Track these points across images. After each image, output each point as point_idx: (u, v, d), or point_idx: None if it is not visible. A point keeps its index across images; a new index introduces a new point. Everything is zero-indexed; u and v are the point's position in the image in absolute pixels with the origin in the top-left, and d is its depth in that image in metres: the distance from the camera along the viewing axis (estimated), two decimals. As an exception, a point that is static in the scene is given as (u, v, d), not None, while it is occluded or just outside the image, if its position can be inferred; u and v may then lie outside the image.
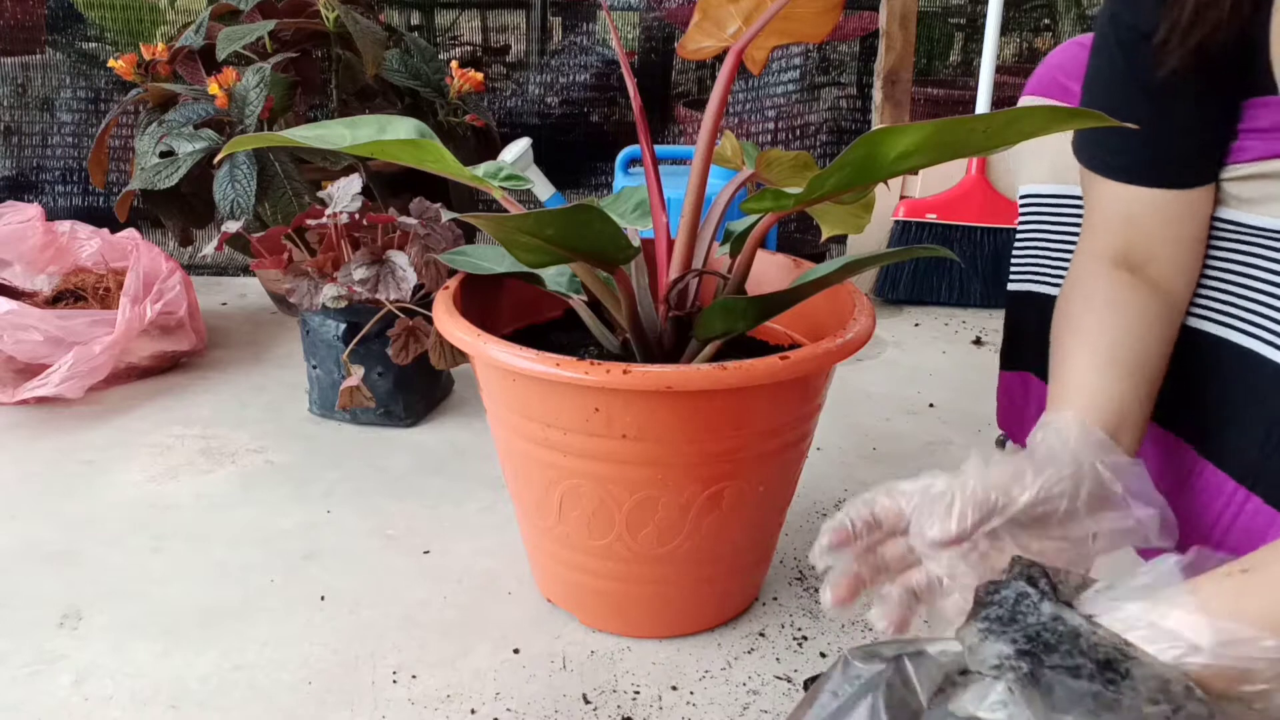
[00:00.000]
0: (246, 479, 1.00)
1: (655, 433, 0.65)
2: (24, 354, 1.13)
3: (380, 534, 0.90)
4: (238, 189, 1.23)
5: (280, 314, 1.51)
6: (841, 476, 1.03)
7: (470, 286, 0.80)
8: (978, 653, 0.41)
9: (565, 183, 1.78)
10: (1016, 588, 0.44)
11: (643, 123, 0.70)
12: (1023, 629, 0.42)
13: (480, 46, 2.06)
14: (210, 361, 1.31)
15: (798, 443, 0.73)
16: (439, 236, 1.02)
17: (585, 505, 0.69)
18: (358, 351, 1.05)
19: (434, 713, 0.68)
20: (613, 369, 0.61)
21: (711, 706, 0.69)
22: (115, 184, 1.72)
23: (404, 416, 1.12)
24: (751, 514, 0.72)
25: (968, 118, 0.59)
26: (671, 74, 1.94)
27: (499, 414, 0.72)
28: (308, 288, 1.02)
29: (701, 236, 0.72)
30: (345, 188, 1.03)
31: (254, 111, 1.26)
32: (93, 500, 0.96)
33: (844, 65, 1.86)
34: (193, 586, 0.82)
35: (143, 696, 0.69)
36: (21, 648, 0.74)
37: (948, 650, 0.43)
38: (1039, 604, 0.43)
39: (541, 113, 1.87)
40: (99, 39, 1.83)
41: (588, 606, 0.77)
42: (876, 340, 1.46)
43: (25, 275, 1.30)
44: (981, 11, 2.01)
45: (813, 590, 0.83)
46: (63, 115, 1.76)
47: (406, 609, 0.79)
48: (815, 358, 0.65)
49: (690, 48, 0.76)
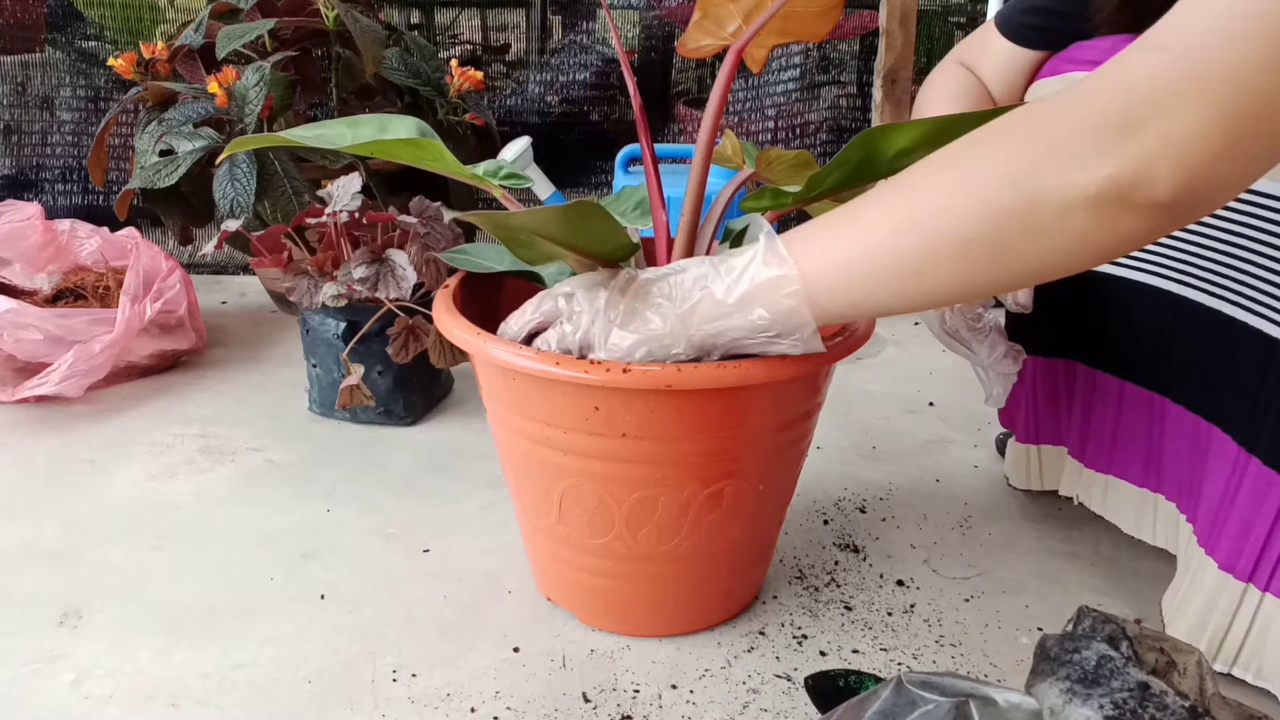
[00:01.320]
0: (246, 478, 1.00)
1: (655, 431, 0.65)
2: (24, 352, 1.13)
3: (380, 533, 0.90)
4: (237, 188, 1.23)
5: (280, 313, 1.51)
6: (842, 475, 1.03)
7: (470, 285, 0.80)
8: (1061, 715, 0.41)
9: (565, 181, 1.78)
10: (1098, 649, 0.43)
11: (643, 121, 0.70)
12: (1108, 694, 0.41)
13: (480, 45, 2.06)
14: (210, 360, 1.31)
15: (798, 441, 0.73)
16: (439, 235, 1.02)
17: (585, 504, 0.69)
18: (357, 350, 1.05)
19: (434, 711, 0.68)
20: (612, 368, 0.61)
21: (711, 705, 0.69)
22: (115, 183, 1.72)
23: (404, 415, 1.12)
24: (751, 513, 0.72)
25: (966, 114, 0.59)
26: (671, 73, 1.94)
27: (499, 413, 0.72)
28: (307, 286, 1.02)
29: (701, 235, 0.72)
30: (345, 186, 1.03)
31: (254, 110, 1.26)
32: (92, 499, 0.96)
33: (844, 64, 1.86)
34: (192, 585, 0.82)
35: (143, 695, 0.69)
36: (21, 646, 0.74)
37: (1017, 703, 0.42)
38: (1124, 669, 0.42)
39: (541, 111, 1.86)
40: (99, 37, 1.83)
41: (587, 605, 0.77)
42: (876, 339, 1.46)
43: (25, 274, 1.30)
44: (981, 10, 2.01)
45: (813, 589, 0.83)
46: (62, 114, 1.76)
47: (406, 608, 0.79)
48: (815, 357, 0.65)
49: (690, 46, 0.76)
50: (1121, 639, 0.44)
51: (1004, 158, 0.49)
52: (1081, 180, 0.46)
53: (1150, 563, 0.85)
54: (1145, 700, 0.41)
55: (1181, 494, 0.78)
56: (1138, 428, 0.81)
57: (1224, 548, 0.69)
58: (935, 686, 0.43)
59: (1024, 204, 0.48)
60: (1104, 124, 0.46)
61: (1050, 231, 0.48)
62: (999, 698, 0.42)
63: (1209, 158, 0.44)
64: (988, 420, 1.16)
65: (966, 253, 0.51)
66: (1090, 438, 0.87)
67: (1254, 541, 0.67)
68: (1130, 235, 0.47)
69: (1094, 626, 0.44)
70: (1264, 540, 0.66)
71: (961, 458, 1.08)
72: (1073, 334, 0.86)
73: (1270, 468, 0.66)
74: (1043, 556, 0.89)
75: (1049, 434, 0.93)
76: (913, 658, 0.75)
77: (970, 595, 0.83)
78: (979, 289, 0.53)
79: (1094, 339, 0.84)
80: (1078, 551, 0.89)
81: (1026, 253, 0.49)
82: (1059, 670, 0.42)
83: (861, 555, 0.88)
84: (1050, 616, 0.80)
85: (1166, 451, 0.78)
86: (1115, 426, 0.83)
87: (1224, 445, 0.71)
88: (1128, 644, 0.44)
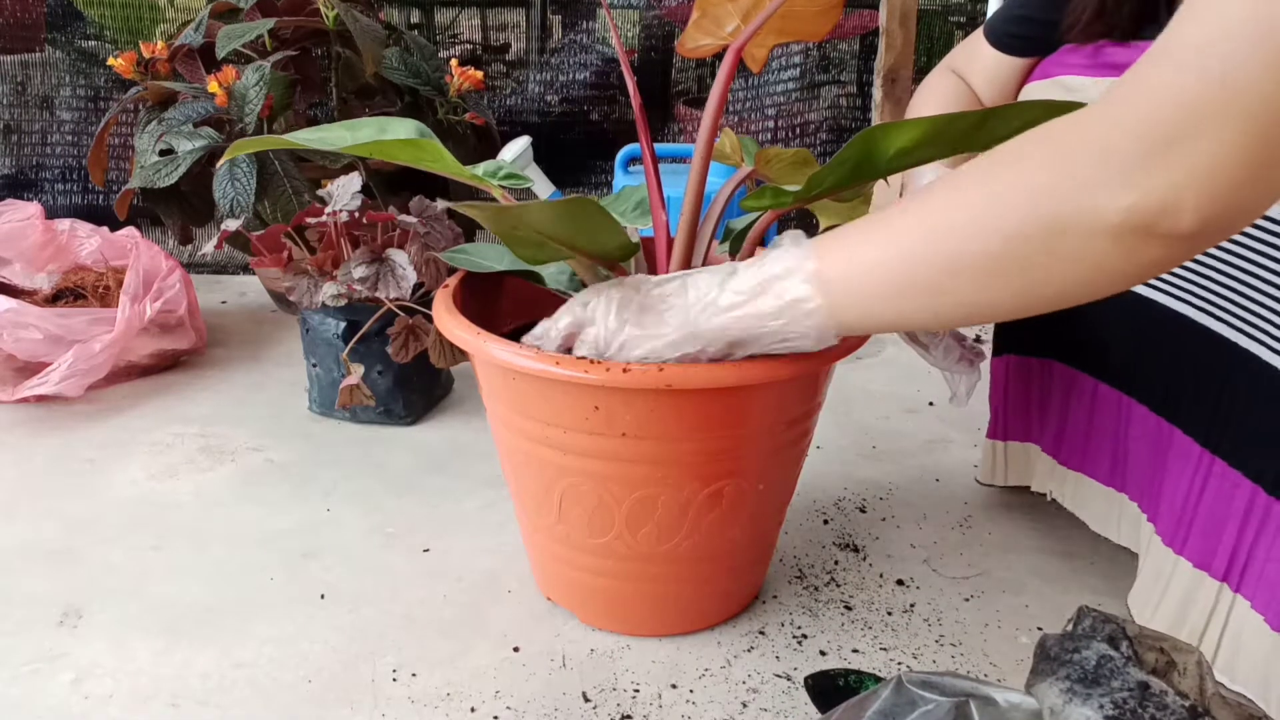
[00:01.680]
0: (246, 477, 1.00)
1: (655, 431, 0.65)
2: (24, 352, 1.13)
3: (380, 532, 0.90)
4: (237, 187, 1.23)
5: (280, 312, 1.51)
6: (841, 475, 1.03)
7: (470, 285, 0.80)
8: (1061, 715, 0.41)
9: (565, 181, 1.78)
10: (1098, 649, 0.43)
11: (642, 121, 0.70)
12: (1108, 694, 0.41)
13: (480, 45, 2.06)
14: (210, 360, 1.31)
15: (798, 441, 0.73)
16: (439, 235, 1.02)
17: (585, 503, 0.69)
18: (357, 350, 1.05)
19: (434, 711, 0.68)
20: (612, 367, 0.61)
21: (711, 704, 0.69)
22: (115, 182, 1.72)
23: (404, 415, 1.12)
24: (751, 512, 0.72)
25: (966, 113, 0.59)
26: (671, 72, 1.94)
27: (499, 412, 0.72)
28: (307, 286, 1.02)
29: (701, 234, 0.72)
30: (345, 186, 1.03)
31: (254, 110, 1.26)
32: (92, 498, 0.96)
33: (844, 63, 1.86)
34: (192, 584, 0.82)
35: (143, 694, 0.69)
36: (22, 646, 0.74)
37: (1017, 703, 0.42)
38: (1123, 669, 0.42)
39: (541, 111, 1.86)
40: (98, 37, 1.83)
41: (587, 605, 0.77)
42: (876, 339, 1.46)
43: (25, 273, 1.30)
44: (981, 9, 2.01)
45: (813, 589, 0.83)
46: (62, 113, 1.76)
47: (406, 607, 0.79)
48: (815, 356, 0.65)
49: (689, 45, 0.76)
50: (1121, 639, 0.44)
51: (1026, 179, 0.48)
52: (1105, 209, 0.45)
53: (1150, 562, 0.86)
54: (1145, 700, 0.41)
55: (1143, 494, 0.78)
56: (1107, 427, 0.82)
57: (1194, 546, 0.70)
58: (935, 686, 0.43)
59: (1045, 229, 0.47)
60: (1128, 150, 0.44)
61: (1071, 258, 0.47)
62: (999, 697, 0.42)
63: (1236, 185, 0.42)
64: (987, 420, 1.16)
65: (987, 272, 0.50)
66: (1065, 435, 0.87)
67: (1226, 541, 0.68)
68: (1152, 264, 0.46)
69: (1094, 626, 0.44)
70: (1235, 539, 0.67)
71: (961, 457, 1.08)
72: (1053, 334, 0.87)
73: (1235, 468, 0.67)
74: (1043, 556, 0.89)
75: (1018, 431, 0.94)
76: (913, 657, 0.75)
77: (970, 595, 0.83)
78: (998, 310, 0.52)
79: (1072, 339, 0.85)
80: (1078, 551, 0.89)
81: (1046, 277, 0.49)
82: (1059, 670, 0.42)
83: (861, 555, 0.88)
84: (1050, 616, 0.80)
85: (1131, 452, 0.79)
86: (1088, 425, 0.84)
87: (1186, 446, 0.72)
88: (1128, 644, 0.44)
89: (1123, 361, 0.79)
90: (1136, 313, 0.75)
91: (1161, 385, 0.75)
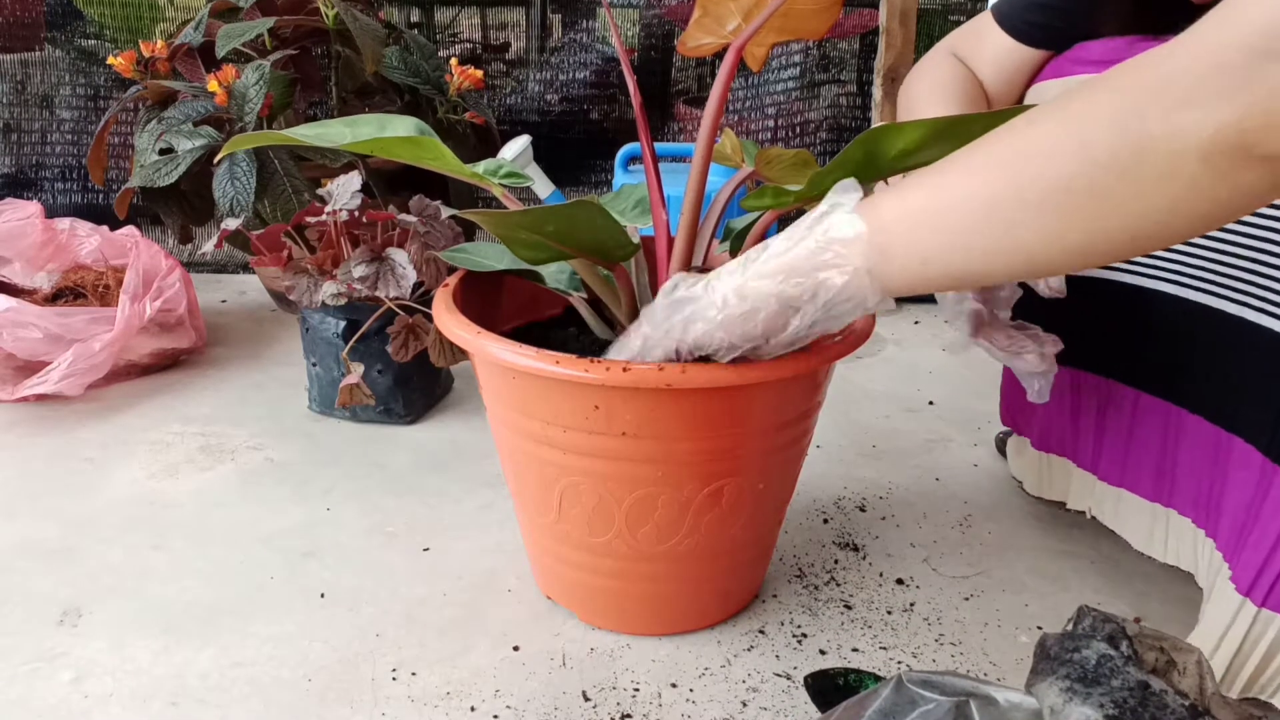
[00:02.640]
0: (246, 476, 1.00)
1: (655, 430, 0.65)
2: (23, 351, 1.13)
3: (380, 531, 0.90)
4: (237, 186, 1.23)
5: (280, 311, 1.51)
6: (841, 474, 1.03)
7: (470, 284, 0.80)
8: (1061, 714, 0.41)
9: (565, 180, 1.77)
10: (1098, 649, 0.43)
11: (643, 120, 0.70)
12: (1109, 693, 0.41)
13: (480, 44, 2.05)
14: (210, 359, 1.31)
15: (798, 440, 0.73)
16: (438, 234, 1.02)
17: (585, 503, 0.69)
18: (357, 349, 1.05)
19: (434, 710, 0.68)
20: (613, 366, 0.61)
21: (711, 704, 0.69)
22: (114, 181, 1.72)
23: (404, 414, 1.12)
24: (751, 511, 0.72)
25: (967, 115, 0.59)
26: (671, 71, 1.94)
27: (499, 412, 0.72)
28: (307, 285, 1.02)
29: (701, 234, 0.72)
30: (345, 185, 1.03)
31: (253, 109, 1.26)
32: (92, 498, 0.96)
33: (844, 63, 1.86)
34: (192, 584, 0.82)
35: (142, 694, 0.69)
36: (21, 645, 0.74)
37: (1017, 703, 0.42)
38: (1123, 668, 0.42)
39: (541, 110, 1.86)
40: (98, 36, 1.83)
41: (587, 604, 0.77)
42: (876, 338, 1.46)
43: (25, 272, 1.30)
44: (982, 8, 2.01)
45: (812, 588, 0.83)
46: (62, 112, 1.76)
47: (406, 606, 0.79)
48: (815, 355, 0.65)
49: (690, 44, 0.76)
50: (1121, 638, 0.44)
51: (1111, 99, 0.44)
52: (1194, 124, 0.41)
53: (1150, 563, 0.85)
54: (1145, 699, 0.41)
55: (1199, 508, 0.75)
56: (1151, 439, 0.79)
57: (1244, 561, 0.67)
58: (935, 685, 0.43)
59: (1130, 148, 0.43)
60: (1227, 60, 0.40)
61: (1156, 180, 0.43)
62: (999, 697, 0.42)
63: None
64: (987, 419, 1.16)
65: (1064, 201, 0.46)
66: (1104, 450, 0.84)
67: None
68: (1249, 191, 0.42)
69: (1094, 625, 0.44)
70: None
71: (961, 457, 1.08)
72: (1087, 343, 0.84)
73: None
74: (1042, 555, 0.89)
75: (1056, 444, 0.91)
76: (912, 656, 0.75)
77: (970, 594, 0.83)
78: (1072, 247, 0.47)
79: (1108, 348, 0.82)
80: (1078, 551, 0.89)
81: (1128, 204, 0.44)
82: (1059, 669, 0.42)
83: (861, 554, 0.88)
84: (1050, 616, 0.80)
85: (1181, 465, 0.76)
86: (1129, 438, 0.81)
87: (1247, 455, 0.69)
88: (1127, 643, 0.44)
89: (1170, 370, 0.76)
90: (1183, 317, 0.72)
91: (1218, 392, 0.71)
